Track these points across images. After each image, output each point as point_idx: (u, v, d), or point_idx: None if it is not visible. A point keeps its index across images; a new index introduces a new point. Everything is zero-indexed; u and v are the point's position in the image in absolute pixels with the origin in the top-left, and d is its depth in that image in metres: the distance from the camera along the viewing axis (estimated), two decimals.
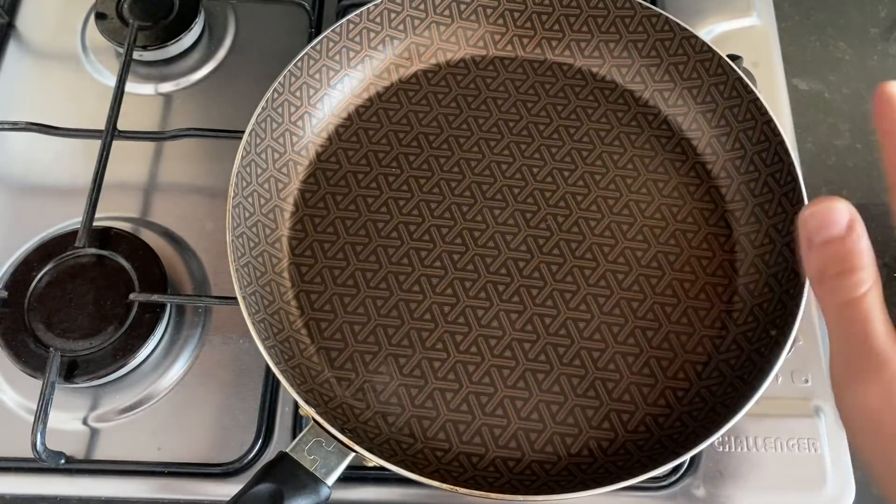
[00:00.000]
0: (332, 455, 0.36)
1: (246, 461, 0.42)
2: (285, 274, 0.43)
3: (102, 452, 0.42)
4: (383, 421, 0.40)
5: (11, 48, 0.55)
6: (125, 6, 0.53)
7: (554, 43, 0.50)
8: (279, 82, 0.45)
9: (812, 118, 0.55)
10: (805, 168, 0.52)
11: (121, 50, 0.52)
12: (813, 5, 0.59)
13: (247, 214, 0.43)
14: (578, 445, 0.40)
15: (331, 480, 0.36)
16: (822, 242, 0.26)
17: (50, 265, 0.44)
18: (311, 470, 0.36)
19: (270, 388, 0.44)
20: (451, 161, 0.47)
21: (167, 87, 0.53)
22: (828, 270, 0.26)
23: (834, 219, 0.26)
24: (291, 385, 0.37)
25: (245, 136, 0.43)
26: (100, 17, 0.53)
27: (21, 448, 0.41)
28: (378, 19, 0.48)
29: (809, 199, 0.43)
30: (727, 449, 0.43)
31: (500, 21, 0.50)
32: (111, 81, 0.52)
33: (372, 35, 0.48)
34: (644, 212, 0.45)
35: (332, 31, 0.47)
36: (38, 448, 0.40)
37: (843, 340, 0.26)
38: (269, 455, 0.42)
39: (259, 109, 0.44)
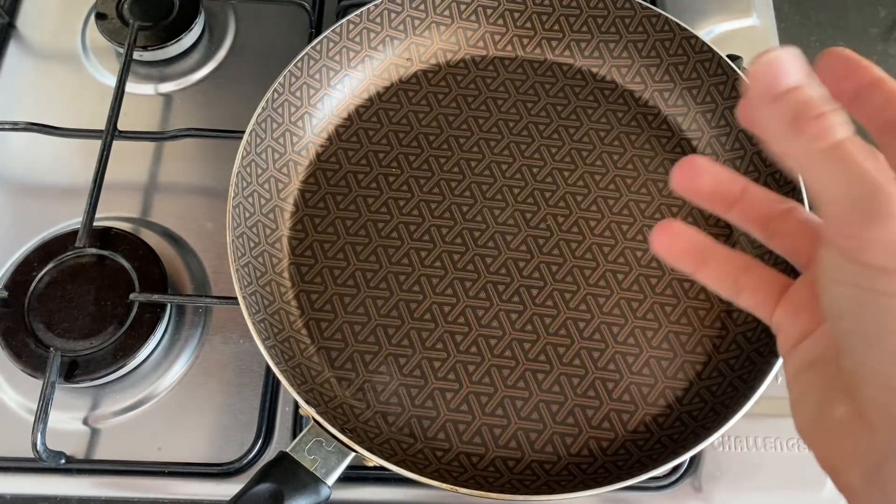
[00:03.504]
0: (332, 455, 0.36)
1: (246, 461, 0.42)
2: (285, 274, 0.43)
3: (102, 452, 0.42)
4: (383, 421, 0.40)
5: (11, 48, 0.55)
6: (125, 6, 0.53)
7: (554, 43, 0.50)
8: (279, 82, 0.45)
9: None
10: None
11: (121, 50, 0.52)
12: (813, 5, 0.59)
13: (247, 214, 0.43)
14: (578, 445, 0.40)
15: (331, 480, 0.36)
16: (787, 90, 0.23)
17: (50, 265, 0.44)
18: (311, 470, 0.36)
19: (270, 388, 0.44)
20: (451, 161, 0.47)
21: (167, 87, 0.53)
22: (804, 114, 0.22)
23: (791, 66, 0.23)
24: (292, 385, 0.37)
25: (245, 137, 0.43)
26: (100, 17, 0.53)
27: (21, 448, 0.41)
28: (378, 19, 0.48)
29: (809, 199, 0.43)
30: (727, 449, 0.43)
31: (500, 21, 0.50)
32: (111, 81, 0.52)
33: (372, 35, 0.48)
34: (644, 212, 0.45)
35: (332, 31, 0.47)
36: (38, 448, 0.40)
37: (844, 183, 0.22)
38: (269, 455, 0.42)
39: (259, 109, 0.44)
